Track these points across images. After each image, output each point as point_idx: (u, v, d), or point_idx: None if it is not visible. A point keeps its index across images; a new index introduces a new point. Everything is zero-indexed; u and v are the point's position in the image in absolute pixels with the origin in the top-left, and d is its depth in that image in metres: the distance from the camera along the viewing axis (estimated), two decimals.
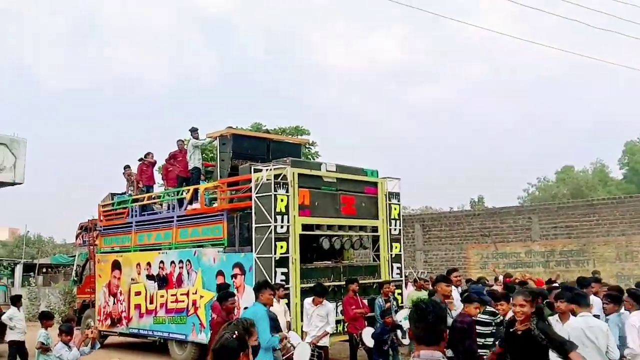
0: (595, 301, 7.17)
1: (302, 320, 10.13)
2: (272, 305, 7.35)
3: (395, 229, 12.61)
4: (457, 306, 7.83)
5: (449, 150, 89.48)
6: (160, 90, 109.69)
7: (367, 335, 9.28)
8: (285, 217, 10.48)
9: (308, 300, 9.67)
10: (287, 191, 10.61)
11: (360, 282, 10.85)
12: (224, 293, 7.63)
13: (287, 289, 10.02)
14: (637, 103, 76.67)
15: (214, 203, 12.30)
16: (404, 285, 12.62)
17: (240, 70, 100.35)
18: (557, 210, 16.20)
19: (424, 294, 9.88)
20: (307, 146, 24.05)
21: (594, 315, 6.25)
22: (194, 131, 13.75)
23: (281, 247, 10.34)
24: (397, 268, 12.55)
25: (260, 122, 24.83)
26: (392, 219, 12.57)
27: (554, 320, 6.36)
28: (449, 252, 17.42)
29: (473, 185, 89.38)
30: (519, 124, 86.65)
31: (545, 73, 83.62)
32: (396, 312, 10.05)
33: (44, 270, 33.08)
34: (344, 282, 10.97)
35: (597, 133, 74.17)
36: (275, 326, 7.33)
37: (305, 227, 10.96)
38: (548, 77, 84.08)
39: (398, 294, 11.92)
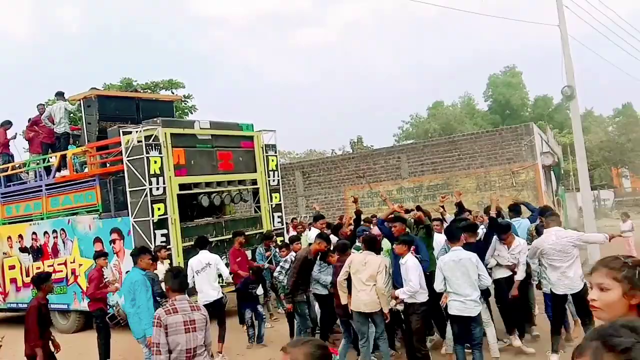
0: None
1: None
2: (150, 269, 7.43)
3: (273, 180, 12.94)
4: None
5: (328, 93, 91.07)
6: (23, 45, 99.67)
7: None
8: (160, 178, 10.39)
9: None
10: (160, 152, 10.47)
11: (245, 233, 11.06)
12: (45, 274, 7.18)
13: (169, 249, 10.06)
14: (500, 37, 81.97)
15: (84, 168, 11.87)
16: (285, 230, 13.04)
17: (113, 22, 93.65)
18: (423, 149, 17.36)
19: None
20: (183, 100, 23.45)
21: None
22: (61, 94, 12.98)
23: (158, 209, 10.30)
24: (278, 217, 12.97)
25: (131, 77, 23.69)
26: (270, 170, 12.87)
27: None
28: (329, 195, 18.17)
29: (353, 126, 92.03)
30: (394, 64, 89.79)
31: (419, 14, 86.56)
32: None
33: None
34: (229, 237, 11.21)
35: (464, 67, 78.88)
36: (154, 282, 7.45)
37: (182, 186, 10.96)
38: (421, 17, 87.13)
39: (280, 240, 12.38)
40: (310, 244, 8.30)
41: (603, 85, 61.66)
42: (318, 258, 7.84)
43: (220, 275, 9.04)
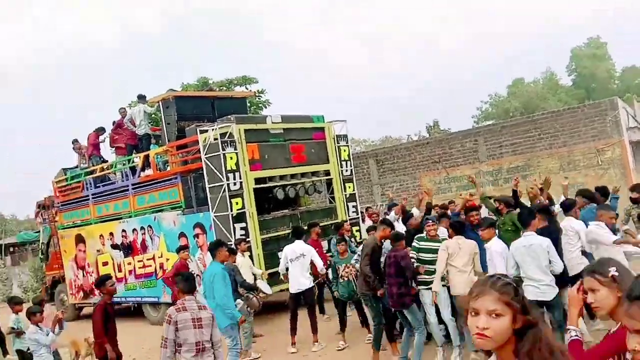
0: None
1: (266, 269, 10.67)
2: (228, 262, 7.74)
3: (346, 170, 13.00)
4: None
5: (403, 78, 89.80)
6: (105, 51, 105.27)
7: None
8: (237, 174, 10.73)
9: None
10: (235, 148, 10.80)
11: (320, 224, 11.22)
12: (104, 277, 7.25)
13: (249, 242, 10.38)
14: (581, 6, 77.53)
15: (167, 167, 12.44)
16: (360, 220, 13.07)
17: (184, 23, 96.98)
18: (501, 130, 16.79)
19: None
20: (257, 95, 23.92)
21: None
22: (142, 98, 13.68)
23: (236, 203, 10.64)
24: (353, 207, 13.04)
25: (207, 75, 24.44)
26: (343, 161, 12.94)
27: None
28: (404, 182, 17.99)
29: (430, 111, 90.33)
30: (467, 43, 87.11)
31: None
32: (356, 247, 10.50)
33: (11, 249, 32.81)
34: (305, 228, 11.42)
35: (544, 41, 75.27)
36: (235, 278, 7.75)
37: (258, 180, 11.25)
38: None
39: (356, 230, 12.46)
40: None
41: None
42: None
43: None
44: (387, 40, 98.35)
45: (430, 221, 7.54)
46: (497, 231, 7.33)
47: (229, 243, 9.14)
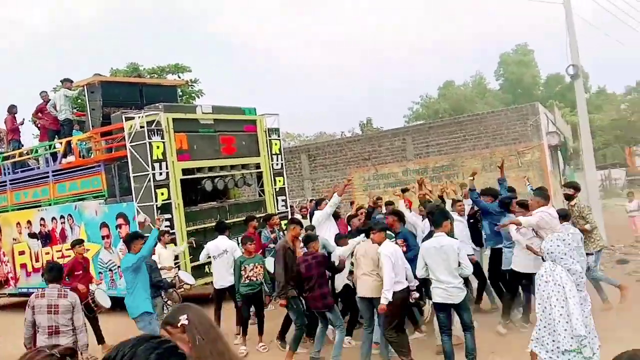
0: None
1: (191, 262, 10.53)
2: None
3: (277, 164, 13.00)
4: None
5: (340, 75, 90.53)
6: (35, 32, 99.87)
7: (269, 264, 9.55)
8: (163, 163, 10.50)
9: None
10: (162, 137, 10.56)
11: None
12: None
13: (172, 234, 10.19)
14: (513, 14, 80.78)
15: (91, 154, 12.02)
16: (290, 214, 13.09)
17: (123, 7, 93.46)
18: (429, 130, 17.28)
19: None
20: (190, 84, 23.47)
21: None
22: (66, 81, 13.09)
23: (162, 193, 10.42)
24: (282, 200, 13.06)
25: (137, 62, 23.72)
26: (274, 154, 12.92)
27: None
28: (334, 178, 18.16)
29: (364, 109, 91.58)
30: (405, 44, 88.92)
31: None
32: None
33: None
34: (233, 220, 11.36)
35: (475, 46, 77.91)
36: (152, 269, 7.55)
37: (185, 171, 11.06)
38: None
39: (284, 224, 12.47)
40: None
41: (616, 62, 60.71)
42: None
43: None
44: (330, 39, 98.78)
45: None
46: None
47: None
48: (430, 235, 6.66)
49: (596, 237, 8.27)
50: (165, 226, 10.26)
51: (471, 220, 8.90)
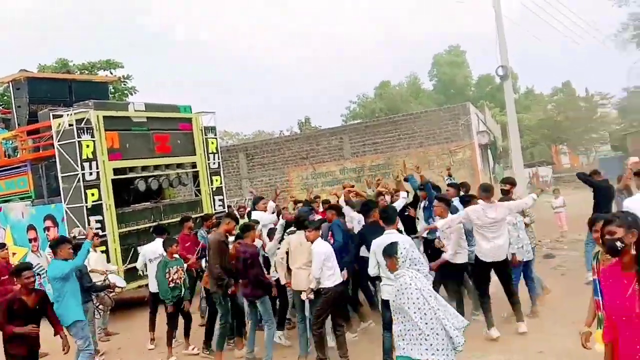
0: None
1: (123, 264, 10.27)
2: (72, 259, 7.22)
3: (214, 163, 12.84)
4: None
5: (281, 74, 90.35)
6: None
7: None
8: (94, 163, 10.15)
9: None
10: (92, 136, 10.20)
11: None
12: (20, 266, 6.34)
13: (102, 236, 9.87)
14: (443, 17, 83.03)
15: (17, 154, 11.49)
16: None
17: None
18: (365, 129, 17.57)
19: None
20: (122, 81, 22.81)
21: None
22: None
23: (92, 194, 10.08)
24: (219, 200, 12.92)
25: (67, 57, 22.81)
26: (210, 153, 12.76)
27: None
28: (273, 177, 18.16)
29: (302, 108, 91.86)
30: (344, 44, 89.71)
31: None
32: None
33: None
34: (168, 221, 11.14)
35: (410, 47, 79.62)
36: (82, 274, 7.30)
37: (117, 171, 10.74)
38: None
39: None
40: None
41: (543, 64, 63.58)
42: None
43: None
44: (274, 35, 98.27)
45: None
46: None
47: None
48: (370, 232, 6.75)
49: (532, 233, 8.44)
50: (96, 228, 9.95)
51: (405, 213, 9.08)
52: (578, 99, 47.75)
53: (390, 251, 4.86)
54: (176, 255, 7.87)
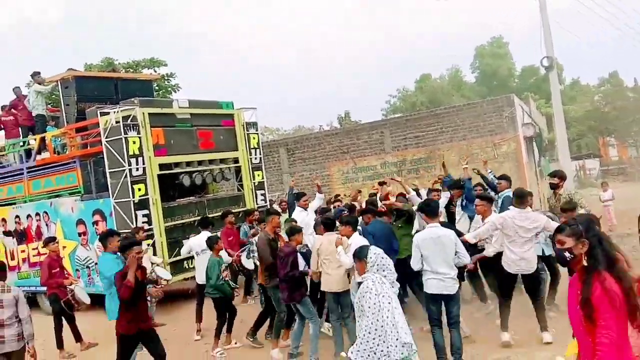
0: None
1: (169, 257, 10.49)
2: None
3: (255, 158, 12.95)
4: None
5: (320, 69, 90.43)
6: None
7: (244, 259, 9.47)
8: (140, 159, 10.37)
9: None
10: (138, 132, 10.42)
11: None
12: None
13: (148, 230, 10.07)
14: (489, 8, 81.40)
15: (65, 150, 11.85)
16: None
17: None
18: (406, 122, 17.39)
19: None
20: (166, 79, 23.24)
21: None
22: (35, 75, 12.85)
23: (139, 189, 10.30)
24: (261, 195, 13.02)
25: (112, 56, 23.39)
26: (252, 148, 12.87)
27: None
28: (313, 171, 18.18)
29: (343, 102, 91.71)
30: (382, 38, 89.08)
31: None
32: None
33: None
34: (212, 215, 11.29)
35: (452, 40, 78.40)
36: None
37: (163, 166, 10.94)
38: None
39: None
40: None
41: (590, 54, 61.62)
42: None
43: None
44: (307, 34, 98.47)
45: None
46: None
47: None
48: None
49: None
50: (143, 222, 10.19)
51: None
52: (626, 89, 46.16)
53: (360, 255, 4.98)
54: (221, 253, 7.99)
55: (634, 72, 78.85)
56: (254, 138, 12.96)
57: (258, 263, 8.14)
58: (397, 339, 4.51)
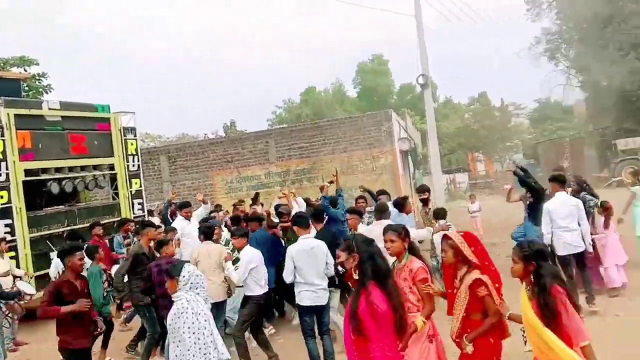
0: None
1: (34, 271, 9.71)
2: None
3: (133, 165, 12.46)
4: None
5: (205, 77, 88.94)
6: None
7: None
8: (3, 163, 9.59)
9: None
10: (2, 135, 9.64)
11: (101, 222, 10.53)
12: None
13: (10, 241, 9.29)
14: (371, 26, 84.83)
15: None
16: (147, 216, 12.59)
17: None
18: (290, 133, 17.63)
19: None
20: (37, 79, 21.64)
21: None
22: None
23: (1, 197, 9.50)
24: (139, 204, 12.53)
25: None
26: (130, 155, 12.37)
27: None
28: (196, 180, 17.83)
29: (229, 111, 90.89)
30: (271, 50, 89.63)
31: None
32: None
33: None
34: (83, 226, 10.65)
35: (335, 54, 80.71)
36: None
37: (29, 172, 10.19)
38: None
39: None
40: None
41: (462, 74, 66.22)
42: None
43: None
44: (199, 41, 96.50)
45: None
46: None
47: None
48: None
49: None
50: (5, 232, 9.38)
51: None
52: (493, 108, 50.17)
53: (172, 272, 4.73)
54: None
55: (500, 93, 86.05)
56: (132, 144, 12.46)
57: None
58: (218, 358, 4.48)
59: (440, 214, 7.95)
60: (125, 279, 8.41)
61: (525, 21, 36.42)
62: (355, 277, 3.40)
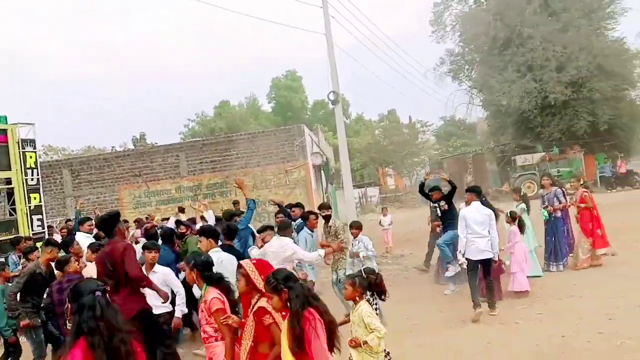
0: None
1: None
2: None
3: (32, 179, 11.79)
4: None
5: (114, 90, 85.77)
6: None
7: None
8: None
9: None
10: None
11: None
12: None
13: None
14: (286, 42, 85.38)
15: None
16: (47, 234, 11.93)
17: None
18: (202, 147, 17.37)
19: None
20: None
21: None
22: None
23: None
24: (38, 220, 11.86)
25: None
26: (28, 168, 11.70)
27: None
28: (101, 195, 17.11)
29: (139, 124, 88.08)
30: (182, 62, 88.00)
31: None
32: None
33: None
34: None
35: (250, 69, 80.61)
36: None
37: None
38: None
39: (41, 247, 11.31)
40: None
41: (372, 92, 68.22)
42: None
43: None
44: (107, 51, 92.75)
45: None
46: None
47: None
48: None
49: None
50: None
51: None
52: (402, 125, 52.04)
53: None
54: None
55: (408, 111, 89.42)
56: (30, 157, 11.79)
57: None
58: None
59: (354, 226, 8.18)
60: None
61: (430, 42, 38.18)
62: (290, 308, 3.60)
